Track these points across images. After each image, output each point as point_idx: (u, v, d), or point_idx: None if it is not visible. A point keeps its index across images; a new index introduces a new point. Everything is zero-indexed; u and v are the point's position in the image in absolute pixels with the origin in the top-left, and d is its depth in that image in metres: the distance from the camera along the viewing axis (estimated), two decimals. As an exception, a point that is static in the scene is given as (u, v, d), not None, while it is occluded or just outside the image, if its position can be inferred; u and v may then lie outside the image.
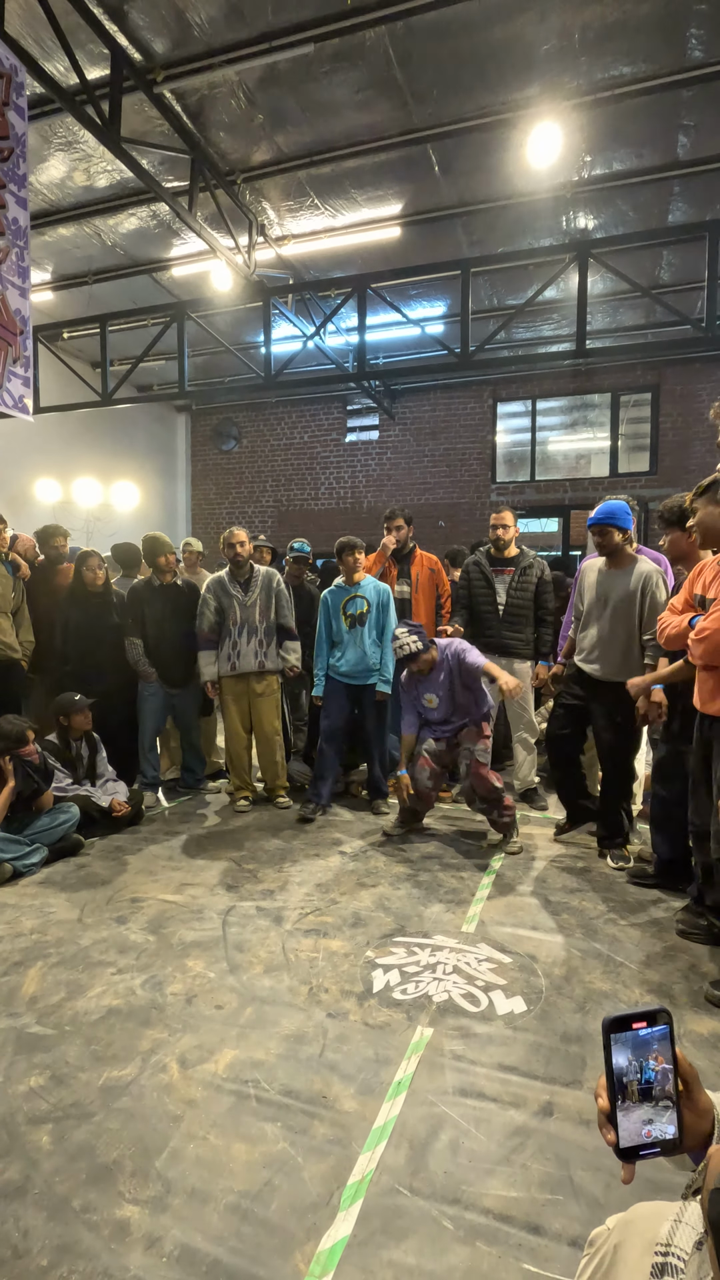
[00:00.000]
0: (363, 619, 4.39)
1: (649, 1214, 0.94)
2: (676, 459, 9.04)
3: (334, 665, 4.45)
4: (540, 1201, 1.64)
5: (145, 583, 4.75)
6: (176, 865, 3.67)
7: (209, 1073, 2.07)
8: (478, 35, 4.41)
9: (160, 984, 2.54)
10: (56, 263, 7.40)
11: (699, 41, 4.44)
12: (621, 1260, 0.91)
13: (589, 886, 3.39)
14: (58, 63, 4.59)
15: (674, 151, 5.49)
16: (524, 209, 6.18)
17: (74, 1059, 2.13)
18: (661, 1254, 0.84)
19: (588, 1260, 1.00)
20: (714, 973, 2.59)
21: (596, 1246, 1.01)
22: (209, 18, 4.37)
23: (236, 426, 11.34)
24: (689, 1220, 0.85)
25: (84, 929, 2.97)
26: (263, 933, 2.92)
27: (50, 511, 8.33)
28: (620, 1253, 0.92)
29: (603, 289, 7.39)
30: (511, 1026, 2.30)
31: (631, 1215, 0.98)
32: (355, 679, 4.41)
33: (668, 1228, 0.87)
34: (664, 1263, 0.83)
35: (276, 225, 6.64)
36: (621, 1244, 0.93)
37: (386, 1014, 2.36)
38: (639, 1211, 0.97)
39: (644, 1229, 0.91)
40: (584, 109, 4.93)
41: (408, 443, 10.35)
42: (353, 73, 4.74)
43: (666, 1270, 0.83)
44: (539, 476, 9.82)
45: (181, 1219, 1.59)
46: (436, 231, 6.58)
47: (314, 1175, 1.71)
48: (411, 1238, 1.55)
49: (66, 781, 4.08)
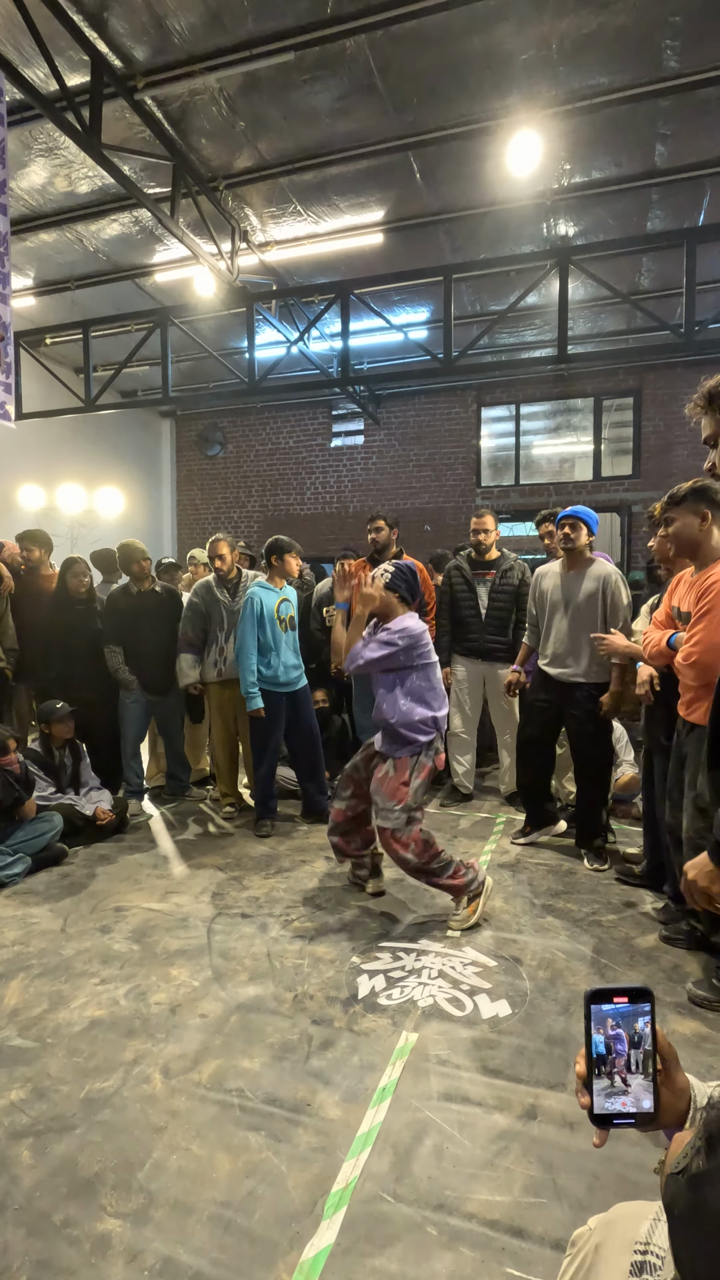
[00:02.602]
0: (293, 622, 4.29)
1: (629, 1214, 0.95)
2: (659, 463, 9.13)
3: (266, 674, 4.11)
4: (524, 1205, 1.64)
5: (123, 590, 4.73)
6: (161, 873, 3.65)
7: (193, 1082, 2.06)
8: (457, 44, 4.45)
9: (144, 994, 2.52)
10: (38, 268, 7.37)
11: (674, 52, 4.51)
12: (602, 1260, 0.92)
13: (574, 889, 3.40)
14: (37, 69, 4.57)
15: (651, 160, 5.56)
16: (505, 216, 6.23)
17: (56, 1071, 2.11)
18: (640, 1252, 0.85)
19: (569, 1261, 1.01)
20: (697, 973, 2.61)
21: (578, 1247, 1.01)
22: (189, 25, 4.38)
23: (221, 432, 11.32)
24: None
25: (67, 939, 2.94)
26: (248, 940, 2.91)
27: (34, 518, 8.25)
28: (601, 1253, 0.93)
29: (584, 295, 7.46)
30: (496, 1030, 2.30)
31: (612, 1215, 0.98)
32: (289, 686, 4.22)
33: (647, 1226, 0.88)
34: (643, 1260, 0.84)
35: (259, 231, 6.65)
36: (602, 1244, 0.94)
37: (372, 1020, 2.36)
38: (620, 1211, 0.98)
39: (624, 1229, 0.92)
40: (563, 118, 4.98)
41: (393, 447, 10.39)
42: (333, 81, 4.77)
43: (645, 1268, 0.84)
44: (523, 480, 9.89)
45: (163, 1231, 1.57)
46: (419, 238, 6.62)
47: (298, 1184, 1.70)
48: (395, 1244, 1.54)
49: (49, 790, 4.05)
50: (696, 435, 5.73)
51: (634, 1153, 1.76)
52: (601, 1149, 1.79)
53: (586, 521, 3.59)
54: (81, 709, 4.24)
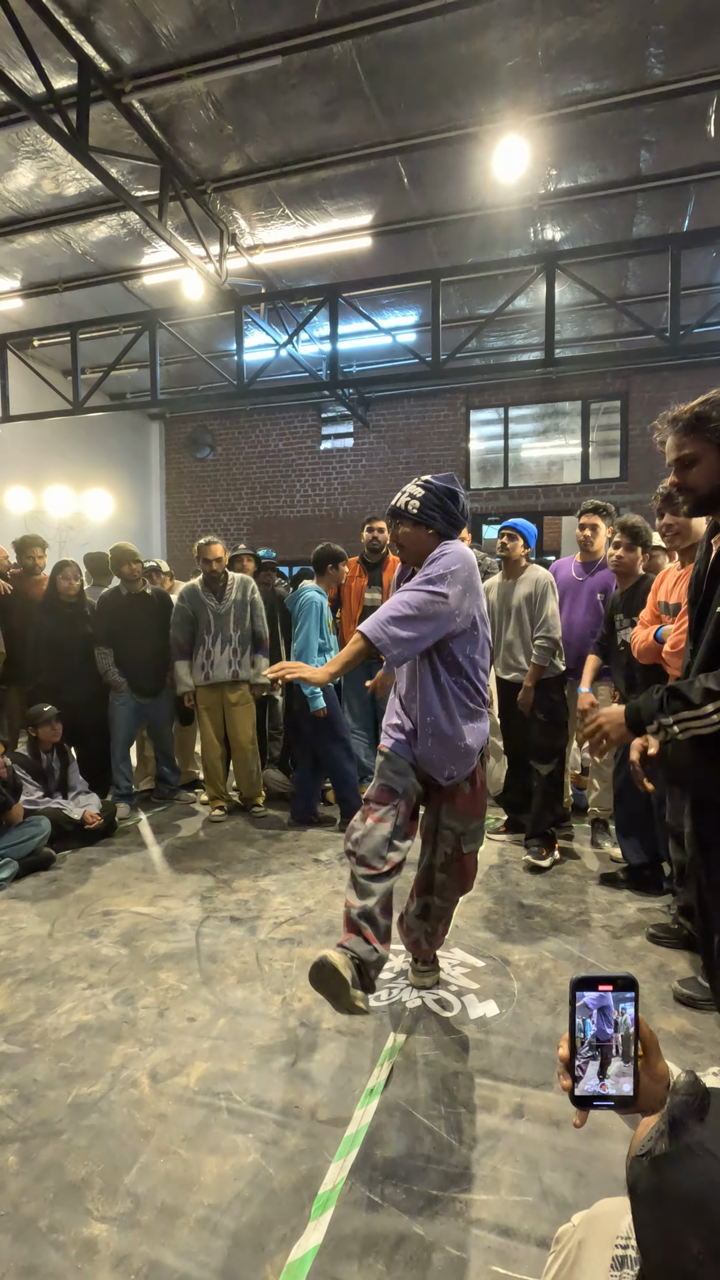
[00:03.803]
0: (336, 627, 4.45)
1: (612, 1210, 0.95)
2: (646, 465, 9.21)
3: None
4: (510, 1204, 1.65)
5: (114, 592, 4.72)
6: (150, 877, 3.63)
7: (180, 1086, 2.05)
8: (443, 51, 4.48)
9: (132, 998, 2.51)
10: (26, 270, 7.33)
11: (658, 60, 4.56)
12: (585, 1256, 0.93)
13: (561, 890, 3.42)
14: (24, 71, 4.56)
15: (636, 166, 5.61)
16: (492, 220, 6.26)
17: (42, 1077, 2.10)
18: (622, 1246, 0.86)
19: (554, 1257, 1.01)
20: (682, 972, 2.63)
21: (562, 1243, 1.02)
22: (176, 29, 4.39)
23: (211, 434, 11.31)
24: None
25: (54, 944, 2.92)
26: (236, 943, 2.91)
27: (22, 521, 8.22)
28: (584, 1249, 0.94)
29: (571, 299, 7.51)
30: (484, 1030, 2.31)
31: (595, 1212, 0.99)
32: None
33: (628, 1221, 0.88)
34: (623, 1255, 0.85)
35: (248, 234, 6.66)
36: (585, 1240, 0.95)
37: (360, 1021, 2.36)
38: (603, 1208, 0.99)
39: (606, 1224, 0.93)
40: (548, 124, 5.02)
41: (382, 450, 10.41)
42: (321, 85, 4.78)
43: (626, 1262, 0.84)
44: (512, 483, 9.94)
45: (150, 1235, 1.57)
46: (407, 242, 6.65)
47: (285, 1186, 1.70)
48: (382, 1245, 1.55)
49: (37, 794, 4.02)
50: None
51: (620, 1150, 1.77)
52: (587, 1148, 1.81)
53: (523, 533, 3.87)
54: (71, 712, 4.22)
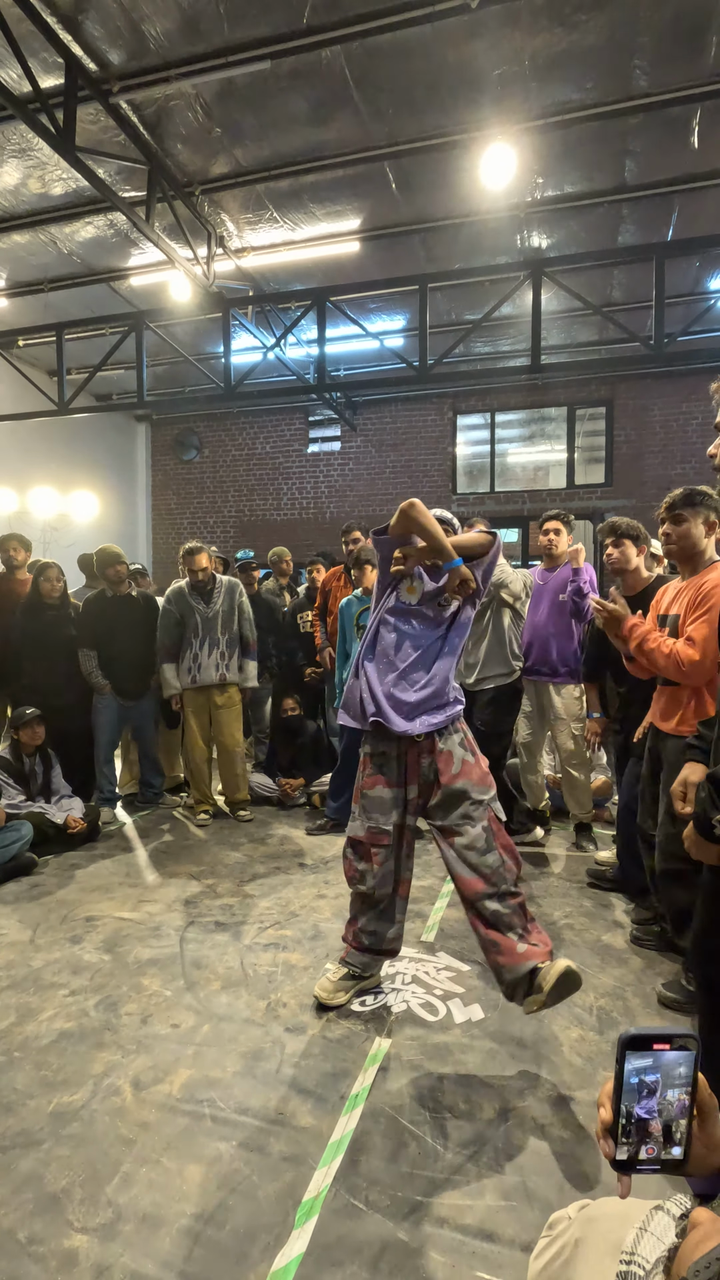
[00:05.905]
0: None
1: (614, 1214, 0.93)
2: (630, 471, 9.29)
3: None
4: (495, 1209, 1.64)
5: (99, 594, 4.68)
6: (134, 882, 3.60)
7: (163, 1094, 2.03)
8: (432, 57, 4.50)
9: (114, 1004, 2.49)
10: (11, 269, 7.27)
11: (643, 71, 4.61)
12: (582, 1258, 0.91)
13: (548, 892, 3.43)
14: (10, 70, 4.53)
15: (621, 176, 5.67)
16: (480, 227, 6.30)
17: (23, 1085, 2.07)
18: (625, 1261, 0.84)
19: (547, 1243, 1.00)
20: (667, 974, 2.65)
21: (557, 1232, 1.00)
22: (165, 31, 4.38)
23: (198, 436, 11.27)
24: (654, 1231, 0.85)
25: (36, 950, 2.89)
26: (221, 948, 2.89)
27: (6, 522, 8.13)
28: (582, 1249, 0.92)
29: (557, 306, 7.56)
30: (469, 1034, 2.31)
31: (595, 1212, 0.98)
32: None
33: (633, 1235, 0.86)
34: (627, 1271, 0.83)
35: (235, 237, 6.65)
36: (583, 1240, 0.93)
37: (345, 1026, 2.35)
38: (604, 1209, 0.97)
39: (608, 1230, 0.91)
40: (535, 132, 5.06)
41: (369, 454, 10.42)
42: (310, 90, 4.79)
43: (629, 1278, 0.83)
44: (498, 488, 9.98)
45: (132, 1246, 1.55)
46: (395, 247, 6.67)
47: (269, 1194, 1.69)
48: (366, 1251, 1.54)
49: (19, 798, 3.98)
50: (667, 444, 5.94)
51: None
52: (571, 1152, 1.81)
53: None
54: (54, 715, 4.18)
